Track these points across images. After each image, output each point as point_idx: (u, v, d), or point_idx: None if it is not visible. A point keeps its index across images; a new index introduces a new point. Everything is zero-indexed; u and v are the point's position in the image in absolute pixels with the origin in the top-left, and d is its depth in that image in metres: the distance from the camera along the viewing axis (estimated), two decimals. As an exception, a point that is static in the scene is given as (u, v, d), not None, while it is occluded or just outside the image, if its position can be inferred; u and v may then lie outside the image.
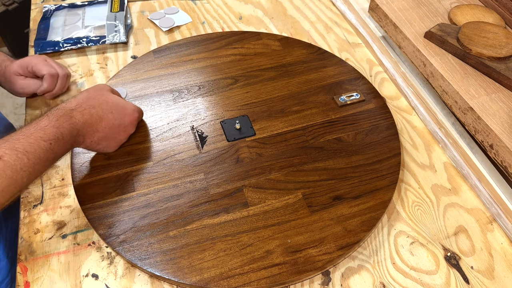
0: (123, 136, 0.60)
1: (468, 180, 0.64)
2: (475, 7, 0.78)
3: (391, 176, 0.61)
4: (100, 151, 0.60)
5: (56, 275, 0.52)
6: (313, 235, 0.54)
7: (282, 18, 0.92)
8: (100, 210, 0.55)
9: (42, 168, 0.48)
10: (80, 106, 0.53)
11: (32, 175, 0.47)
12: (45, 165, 0.48)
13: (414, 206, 0.61)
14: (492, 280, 0.54)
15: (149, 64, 0.76)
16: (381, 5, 0.79)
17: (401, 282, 0.53)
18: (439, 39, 0.70)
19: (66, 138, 0.50)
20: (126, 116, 0.59)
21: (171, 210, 0.56)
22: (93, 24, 0.85)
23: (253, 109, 0.69)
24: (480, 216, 0.60)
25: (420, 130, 0.71)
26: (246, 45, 0.81)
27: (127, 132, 0.60)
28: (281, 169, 0.61)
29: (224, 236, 0.53)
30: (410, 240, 0.57)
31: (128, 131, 0.60)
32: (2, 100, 1.75)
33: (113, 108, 0.57)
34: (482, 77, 0.66)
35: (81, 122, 0.53)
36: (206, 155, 0.62)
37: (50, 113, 0.51)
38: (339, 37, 0.88)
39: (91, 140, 0.55)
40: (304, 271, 0.51)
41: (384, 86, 0.79)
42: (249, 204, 0.57)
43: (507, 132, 0.58)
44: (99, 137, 0.56)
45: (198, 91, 0.72)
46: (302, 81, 0.74)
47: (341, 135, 0.66)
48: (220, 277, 0.50)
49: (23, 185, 0.46)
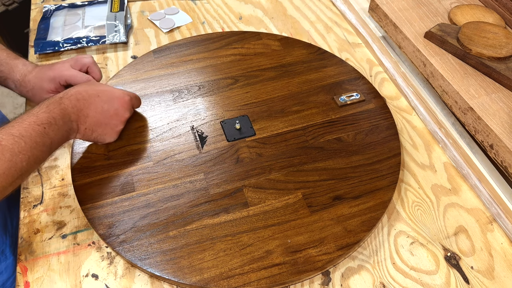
0: (117, 120, 0.59)
1: (468, 180, 0.64)
2: (475, 7, 0.78)
3: (391, 176, 0.61)
4: (99, 141, 0.60)
5: (56, 275, 0.52)
6: (313, 235, 0.54)
7: (282, 18, 0.92)
8: (100, 210, 0.55)
9: (39, 153, 0.49)
10: (67, 94, 0.55)
11: (31, 160, 0.48)
12: (42, 151, 0.49)
13: (414, 206, 0.61)
14: (492, 280, 0.54)
15: (149, 64, 0.76)
16: (381, 5, 0.79)
17: (401, 282, 0.53)
18: (439, 39, 0.70)
19: (59, 123, 0.52)
20: (115, 99, 0.59)
21: (171, 210, 0.56)
22: (93, 24, 0.85)
23: (253, 109, 0.69)
24: (480, 216, 0.60)
25: (420, 130, 0.71)
26: (246, 45, 0.81)
27: (120, 116, 0.60)
28: (281, 169, 0.61)
29: (224, 236, 0.53)
30: (410, 240, 0.57)
31: (120, 115, 0.60)
32: (2, 100, 1.75)
33: (99, 92, 0.57)
34: (482, 77, 0.66)
35: (69, 107, 0.54)
36: (206, 155, 0.62)
37: (40, 103, 0.53)
38: (339, 37, 0.88)
39: (84, 127, 0.56)
40: (304, 271, 0.51)
41: (384, 86, 0.79)
42: (249, 204, 0.57)
43: (507, 132, 0.58)
44: (92, 123, 0.56)
45: (198, 91, 0.72)
46: (302, 81, 0.74)
47: (341, 135, 0.66)
48: (220, 277, 0.50)
49: (23, 169, 0.47)
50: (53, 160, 0.63)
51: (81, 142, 0.63)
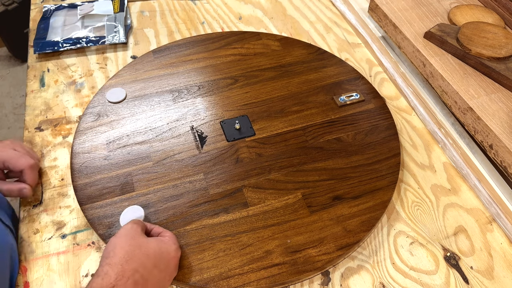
0: (168, 283, 0.49)
1: (468, 180, 0.64)
2: (474, 7, 0.78)
3: (391, 176, 0.61)
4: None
5: (55, 275, 0.52)
6: (312, 235, 0.54)
7: (281, 18, 0.92)
8: (99, 210, 0.55)
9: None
10: (122, 278, 0.42)
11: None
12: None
13: (413, 206, 0.61)
14: (491, 280, 0.54)
15: (149, 64, 0.76)
16: (380, 5, 0.79)
17: (401, 282, 0.53)
18: (438, 39, 0.70)
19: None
20: (171, 262, 0.48)
21: (170, 210, 0.56)
22: (93, 24, 0.85)
23: (252, 109, 0.69)
24: (479, 216, 0.60)
25: (420, 130, 0.71)
26: (245, 45, 0.81)
27: (172, 277, 0.49)
28: (280, 169, 0.61)
29: (224, 236, 0.53)
30: (410, 240, 0.57)
31: (173, 276, 0.49)
32: (1, 100, 1.75)
33: (156, 260, 0.46)
34: (481, 77, 0.66)
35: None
36: (205, 155, 0.62)
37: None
38: (338, 37, 0.88)
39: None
40: (303, 271, 0.51)
41: (384, 86, 0.79)
42: (248, 204, 0.57)
43: (507, 132, 0.58)
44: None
45: (197, 91, 0.72)
46: (301, 81, 0.74)
47: (341, 135, 0.66)
48: (219, 277, 0.50)
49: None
50: (53, 160, 0.63)
51: (80, 142, 0.63)
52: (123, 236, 0.46)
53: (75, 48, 0.80)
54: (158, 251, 0.47)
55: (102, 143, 0.63)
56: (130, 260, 0.44)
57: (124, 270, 0.43)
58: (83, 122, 0.66)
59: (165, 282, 0.47)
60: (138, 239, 0.46)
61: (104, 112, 0.67)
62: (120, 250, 0.44)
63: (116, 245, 0.45)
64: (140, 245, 0.46)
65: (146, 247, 0.46)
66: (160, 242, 0.48)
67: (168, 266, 0.47)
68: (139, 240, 0.46)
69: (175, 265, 0.49)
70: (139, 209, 0.55)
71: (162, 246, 0.48)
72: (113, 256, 0.44)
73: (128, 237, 0.46)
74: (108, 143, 0.63)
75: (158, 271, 0.46)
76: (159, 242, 0.48)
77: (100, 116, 0.67)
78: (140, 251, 0.45)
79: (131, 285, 0.42)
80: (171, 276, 0.48)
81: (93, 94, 0.72)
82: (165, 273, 0.47)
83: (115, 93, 0.70)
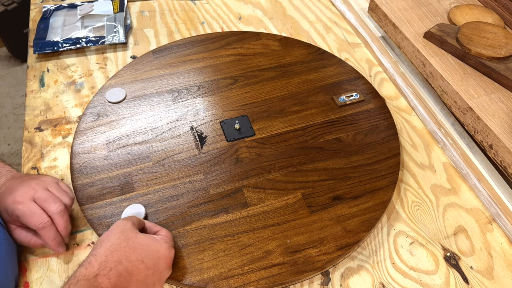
0: (159, 285, 0.48)
1: (468, 180, 0.64)
2: (474, 7, 0.78)
3: (391, 176, 0.61)
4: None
5: (55, 276, 0.51)
6: (312, 235, 0.54)
7: (281, 18, 0.92)
8: (99, 210, 0.55)
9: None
10: (104, 268, 0.42)
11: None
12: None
13: (413, 206, 0.61)
14: (491, 280, 0.54)
15: (149, 64, 0.76)
16: (380, 5, 0.79)
17: (401, 282, 0.53)
18: (438, 39, 0.70)
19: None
20: (160, 260, 0.47)
21: (170, 211, 0.56)
22: (93, 24, 0.85)
23: (252, 109, 0.69)
24: (479, 216, 0.60)
25: (420, 130, 0.71)
26: (245, 45, 0.81)
27: (162, 278, 0.48)
28: (280, 169, 0.61)
29: (224, 236, 0.53)
30: (410, 240, 0.57)
31: (163, 277, 0.48)
32: (1, 100, 1.75)
33: (143, 256, 0.45)
34: (481, 77, 0.66)
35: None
36: (205, 155, 0.62)
37: (65, 283, 0.42)
38: (338, 37, 0.88)
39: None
40: (303, 271, 0.51)
41: (384, 86, 0.79)
42: (248, 204, 0.57)
43: (507, 132, 0.58)
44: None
45: (197, 91, 0.72)
46: (301, 81, 0.74)
47: (341, 135, 0.66)
48: (219, 278, 0.50)
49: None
50: (53, 161, 0.63)
51: (80, 142, 0.63)
52: (113, 230, 0.47)
53: (74, 48, 0.80)
54: (146, 247, 0.46)
55: (102, 143, 0.63)
56: (115, 252, 0.44)
57: (107, 261, 0.43)
58: (83, 122, 0.66)
59: (154, 280, 0.46)
60: (128, 233, 0.46)
61: (104, 112, 0.67)
62: (107, 242, 0.45)
63: (105, 238, 0.46)
64: (128, 238, 0.46)
65: (134, 241, 0.46)
66: (150, 239, 0.48)
67: (157, 264, 0.46)
68: (128, 234, 0.46)
69: (167, 264, 0.48)
70: (140, 207, 0.55)
71: (152, 243, 0.47)
72: (99, 247, 0.44)
73: (117, 231, 0.46)
74: (108, 143, 0.63)
75: (144, 267, 0.45)
76: (150, 239, 0.48)
77: (100, 116, 0.67)
78: (127, 244, 0.45)
79: (114, 276, 0.42)
80: (162, 275, 0.47)
81: (92, 94, 0.72)
82: (153, 271, 0.46)
83: (115, 93, 0.70)
